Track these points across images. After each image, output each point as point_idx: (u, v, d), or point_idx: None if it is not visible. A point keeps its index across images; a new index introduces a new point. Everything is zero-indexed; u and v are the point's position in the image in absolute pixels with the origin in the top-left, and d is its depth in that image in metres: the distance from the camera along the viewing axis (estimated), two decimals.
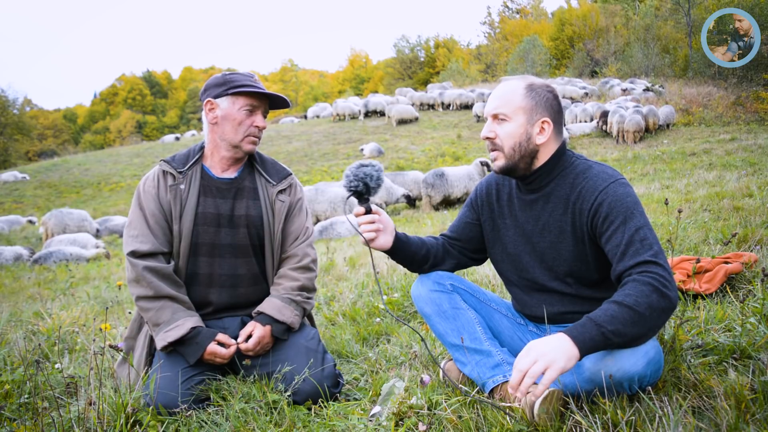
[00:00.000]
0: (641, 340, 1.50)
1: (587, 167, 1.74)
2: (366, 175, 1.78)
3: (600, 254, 1.69)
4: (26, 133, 44.22)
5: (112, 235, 14.85)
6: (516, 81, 1.79)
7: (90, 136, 68.98)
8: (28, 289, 7.36)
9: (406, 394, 1.81)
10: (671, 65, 31.94)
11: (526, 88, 1.75)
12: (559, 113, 1.78)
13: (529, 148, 1.75)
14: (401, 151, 21.95)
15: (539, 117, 1.74)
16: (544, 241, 1.78)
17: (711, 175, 8.14)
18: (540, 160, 1.77)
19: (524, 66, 39.62)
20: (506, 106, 1.75)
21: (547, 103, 1.74)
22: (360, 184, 1.78)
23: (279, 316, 2.09)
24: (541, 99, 1.74)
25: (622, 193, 1.62)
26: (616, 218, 1.59)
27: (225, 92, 2.10)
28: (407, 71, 58.42)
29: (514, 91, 1.76)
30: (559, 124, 1.78)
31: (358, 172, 1.78)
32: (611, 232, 1.59)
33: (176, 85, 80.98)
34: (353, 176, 1.78)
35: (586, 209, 1.67)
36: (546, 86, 1.77)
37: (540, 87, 1.76)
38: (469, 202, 2.05)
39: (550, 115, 1.75)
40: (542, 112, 1.74)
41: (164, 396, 1.90)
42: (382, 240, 1.87)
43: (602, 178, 1.68)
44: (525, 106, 1.74)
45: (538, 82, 1.77)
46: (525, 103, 1.74)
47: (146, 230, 2.08)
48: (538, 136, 1.74)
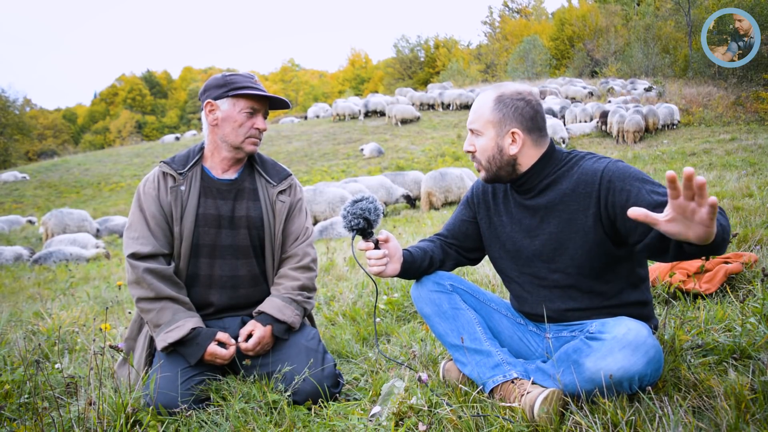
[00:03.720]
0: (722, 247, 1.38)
1: (580, 157, 1.76)
2: (363, 210, 1.75)
3: (605, 238, 1.67)
4: (26, 133, 44.23)
5: (112, 235, 14.84)
6: (487, 93, 1.80)
7: (90, 136, 68.98)
8: (28, 289, 7.37)
9: (406, 394, 1.81)
10: (671, 65, 31.96)
11: (495, 100, 1.75)
12: (533, 119, 1.75)
13: (504, 159, 1.76)
14: (401, 151, 21.95)
15: (508, 128, 1.74)
16: (544, 232, 1.78)
17: (711, 175, 8.14)
18: (523, 165, 1.78)
19: (524, 66, 39.66)
20: (478, 120, 1.78)
21: (515, 112, 1.74)
22: (360, 221, 1.76)
23: (280, 316, 2.09)
24: (509, 110, 1.74)
25: (623, 166, 1.64)
26: (634, 182, 1.57)
27: (225, 94, 2.10)
28: (407, 71, 58.44)
29: (484, 104, 1.78)
30: (535, 130, 1.76)
31: (355, 209, 1.76)
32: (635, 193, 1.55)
33: (176, 85, 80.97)
34: (351, 215, 1.76)
35: (594, 192, 1.64)
36: (517, 95, 1.75)
37: (510, 97, 1.75)
38: (465, 200, 2.05)
39: (521, 124, 1.74)
40: (510, 123, 1.74)
41: (164, 396, 1.90)
42: (390, 269, 1.88)
43: (599, 162, 1.69)
44: (493, 120, 1.75)
45: (508, 92, 1.76)
46: (493, 117, 1.75)
47: (147, 232, 2.08)
48: (511, 147, 1.75)
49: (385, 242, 1.86)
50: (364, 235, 1.82)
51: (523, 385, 1.66)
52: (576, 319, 1.79)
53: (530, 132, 1.76)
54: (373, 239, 1.83)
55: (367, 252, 1.84)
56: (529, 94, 1.77)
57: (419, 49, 60.81)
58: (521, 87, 1.79)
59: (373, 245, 1.83)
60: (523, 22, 52.26)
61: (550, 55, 42.44)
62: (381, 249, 1.84)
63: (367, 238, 1.82)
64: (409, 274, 1.95)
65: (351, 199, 1.79)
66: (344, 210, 1.77)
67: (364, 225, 1.77)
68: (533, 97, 1.77)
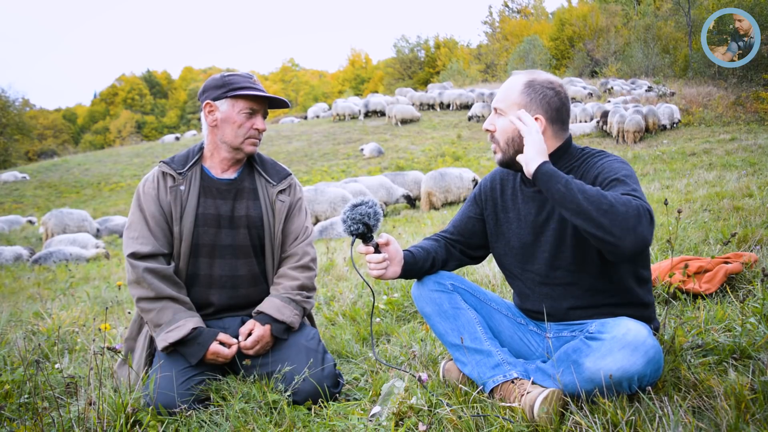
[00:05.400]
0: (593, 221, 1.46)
1: (591, 155, 1.77)
2: (363, 214, 1.74)
3: None
4: (26, 133, 44.17)
5: (112, 235, 14.84)
6: (519, 76, 1.80)
7: (90, 136, 68.94)
8: (28, 289, 7.36)
9: (406, 394, 1.81)
10: (671, 65, 31.94)
11: (525, 84, 1.76)
12: (558, 111, 1.77)
13: (522, 144, 1.74)
14: (401, 151, 21.95)
15: (532, 114, 1.74)
16: (548, 230, 1.78)
17: (711, 175, 8.14)
18: None
19: (524, 66, 39.58)
20: (504, 100, 1.79)
21: (543, 100, 1.75)
22: (360, 225, 1.75)
23: (278, 316, 2.09)
24: (537, 96, 1.75)
25: (617, 167, 1.66)
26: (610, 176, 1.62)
27: (224, 95, 2.09)
28: (407, 71, 58.41)
29: (513, 86, 1.78)
30: (558, 121, 1.78)
31: (354, 214, 1.74)
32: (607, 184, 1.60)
33: (176, 85, 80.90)
34: (350, 219, 1.74)
35: None
36: (548, 83, 1.77)
37: (540, 84, 1.76)
38: (473, 196, 2.05)
39: (546, 112, 1.75)
40: (536, 109, 1.75)
41: (164, 396, 1.90)
42: (391, 272, 1.87)
43: (603, 159, 1.71)
44: (519, 102, 1.76)
45: (540, 79, 1.77)
46: (520, 99, 1.75)
47: (146, 232, 2.08)
48: None
49: (385, 245, 1.85)
50: (364, 240, 1.81)
51: (523, 385, 1.66)
52: (577, 318, 1.79)
53: (553, 122, 1.77)
54: (373, 243, 1.82)
55: (367, 256, 1.83)
56: (559, 85, 1.79)
57: (419, 49, 60.79)
58: (553, 77, 1.81)
59: (373, 249, 1.82)
60: (523, 22, 52.23)
61: (550, 55, 42.39)
62: (381, 253, 1.84)
63: (367, 242, 1.82)
64: (410, 275, 1.94)
65: (351, 203, 1.77)
66: (344, 215, 1.76)
67: (363, 230, 1.76)
68: (563, 89, 1.79)
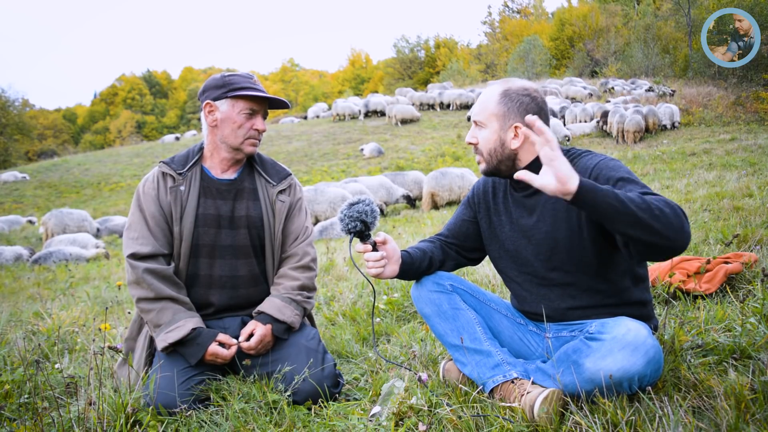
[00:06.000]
0: (645, 230, 1.40)
1: (578, 155, 1.77)
2: (360, 212, 1.75)
3: (597, 234, 1.69)
4: (26, 133, 44.19)
5: (112, 235, 14.84)
6: (494, 87, 1.81)
7: (90, 136, 68.94)
8: (28, 289, 7.36)
9: (406, 394, 1.81)
10: (671, 65, 31.94)
11: (501, 94, 1.77)
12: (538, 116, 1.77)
13: (505, 153, 1.77)
14: (401, 151, 21.95)
15: (512, 123, 1.76)
16: (540, 231, 1.79)
17: (711, 175, 8.14)
18: (523, 161, 1.79)
19: (524, 66, 39.63)
20: (482, 113, 1.80)
21: (520, 107, 1.75)
22: (357, 223, 1.76)
23: (279, 316, 2.09)
24: (514, 104, 1.75)
25: (614, 165, 1.66)
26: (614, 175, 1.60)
27: (224, 95, 2.09)
28: (407, 71, 58.42)
29: (490, 98, 1.80)
30: None
31: (351, 212, 1.75)
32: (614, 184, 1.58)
33: (176, 85, 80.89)
34: (348, 218, 1.76)
35: None
36: (523, 90, 1.77)
37: (516, 92, 1.76)
38: (467, 200, 2.07)
39: (524, 119, 1.74)
40: (514, 117, 1.75)
41: (164, 396, 1.90)
42: (389, 271, 1.88)
43: (593, 158, 1.72)
44: (497, 113, 1.77)
45: (515, 87, 1.78)
46: (497, 110, 1.77)
47: (146, 232, 2.08)
48: (513, 141, 1.77)
49: (382, 244, 1.86)
50: (362, 238, 1.82)
51: (523, 385, 1.66)
52: (576, 318, 1.79)
53: None
54: (371, 241, 1.83)
55: (365, 254, 1.84)
56: (535, 91, 1.79)
57: (419, 49, 60.79)
58: (528, 84, 1.81)
59: (370, 247, 1.83)
60: (523, 22, 52.23)
61: (550, 55, 42.41)
62: (379, 251, 1.84)
63: (364, 240, 1.82)
64: (408, 275, 1.95)
65: (347, 202, 1.78)
66: (341, 213, 1.77)
67: (361, 228, 1.77)
68: (539, 94, 1.80)
